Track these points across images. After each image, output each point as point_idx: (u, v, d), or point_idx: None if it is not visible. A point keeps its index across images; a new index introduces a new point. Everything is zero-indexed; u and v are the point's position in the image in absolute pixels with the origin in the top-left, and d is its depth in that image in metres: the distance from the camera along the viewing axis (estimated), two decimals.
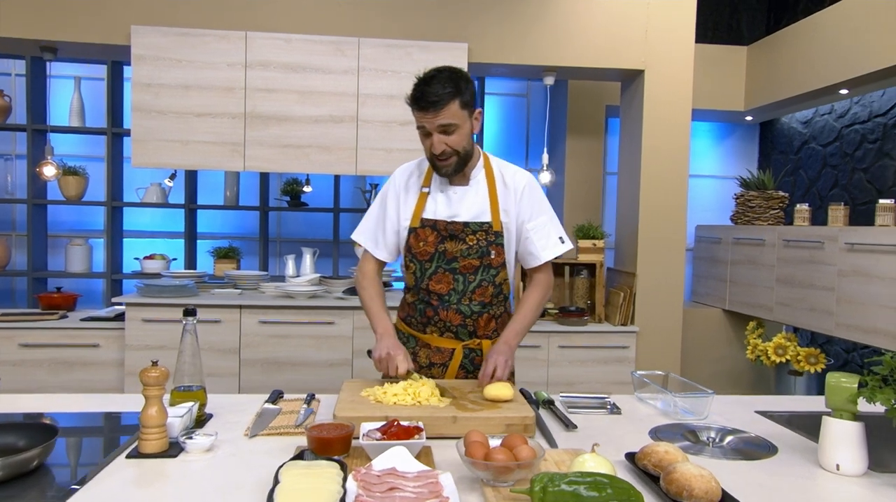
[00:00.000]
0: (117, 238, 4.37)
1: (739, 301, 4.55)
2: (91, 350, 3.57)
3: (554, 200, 4.82)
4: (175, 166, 3.67)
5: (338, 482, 1.20)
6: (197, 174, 4.45)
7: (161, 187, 4.34)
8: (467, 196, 1.94)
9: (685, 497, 1.18)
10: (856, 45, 3.85)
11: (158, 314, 3.51)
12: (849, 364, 4.51)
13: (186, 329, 1.66)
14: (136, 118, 3.57)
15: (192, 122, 3.59)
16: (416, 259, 1.95)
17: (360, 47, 3.66)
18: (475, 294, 1.93)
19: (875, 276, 3.42)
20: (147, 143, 3.58)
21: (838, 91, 4.19)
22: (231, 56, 3.60)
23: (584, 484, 1.13)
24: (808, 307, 3.88)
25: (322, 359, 3.59)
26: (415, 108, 1.82)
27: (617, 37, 3.83)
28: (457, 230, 1.91)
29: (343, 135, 3.69)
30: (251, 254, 4.61)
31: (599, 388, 3.77)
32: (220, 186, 4.50)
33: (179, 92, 3.58)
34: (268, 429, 1.59)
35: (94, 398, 1.91)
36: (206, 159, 3.62)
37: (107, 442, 1.58)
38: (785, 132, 5.16)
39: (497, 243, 1.92)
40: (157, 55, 3.56)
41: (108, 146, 4.21)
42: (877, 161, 4.26)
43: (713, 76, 4.70)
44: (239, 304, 3.55)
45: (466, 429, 1.54)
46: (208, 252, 4.50)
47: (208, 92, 3.60)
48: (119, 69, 4.33)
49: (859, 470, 1.36)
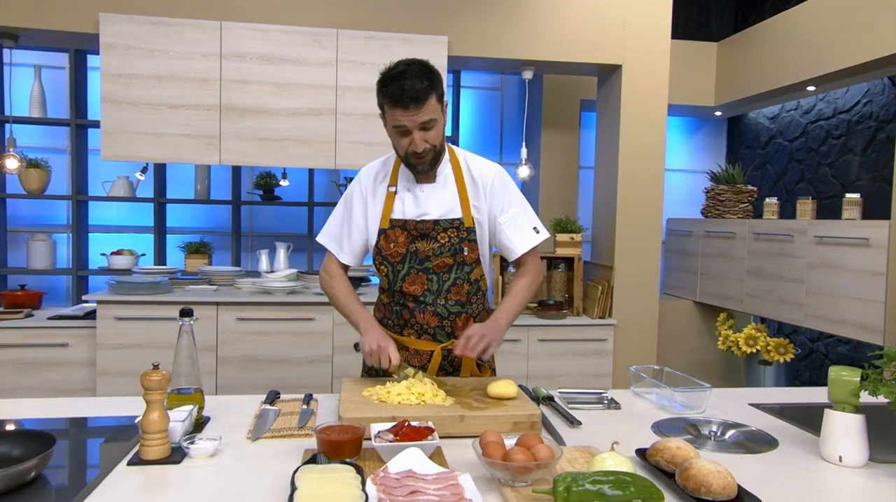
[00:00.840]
0: (83, 233, 4.22)
1: (710, 293, 4.65)
2: (60, 349, 3.45)
3: (530, 194, 4.84)
4: (147, 159, 3.57)
5: (357, 486, 1.18)
6: (166, 167, 4.33)
7: (129, 181, 4.21)
8: (435, 193, 1.88)
9: (703, 493, 1.20)
10: (823, 43, 3.95)
11: (131, 311, 3.41)
12: (814, 353, 4.65)
13: (183, 330, 1.61)
14: (106, 109, 3.45)
15: (165, 114, 3.49)
16: (388, 261, 1.89)
17: (338, 39, 3.60)
18: (451, 293, 1.88)
19: (843, 268, 3.53)
20: (118, 136, 3.46)
21: (806, 88, 4.30)
22: (205, 46, 3.50)
23: (607, 483, 1.13)
24: (779, 299, 3.99)
25: (302, 355, 3.54)
26: (393, 106, 1.72)
27: (595, 32, 3.85)
28: (427, 228, 1.86)
29: (321, 129, 3.63)
30: (223, 249, 4.52)
31: (579, 381, 3.81)
32: (190, 180, 4.39)
33: (152, 83, 3.47)
34: (270, 432, 1.56)
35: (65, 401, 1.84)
36: (180, 152, 3.52)
37: (97, 448, 1.52)
38: (752, 127, 5.27)
39: (470, 239, 1.88)
40: (127, 44, 3.44)
41: (73, 138, 4.06)
42: (841, 156, 4.39)
43: (684, 72, 4.77)
44: (215, 301, 3.47)
45: (474, 428, 1.54)
46: (179, 247, 4.38)
47: (182, 83, 3.49)
48: (82, 58, 4.17)
49: (861, 461, 1.40)
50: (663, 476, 1.32)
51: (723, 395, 1.97)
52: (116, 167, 4.20)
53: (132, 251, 4.17)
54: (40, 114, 4.10)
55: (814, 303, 3.73)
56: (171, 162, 3.58)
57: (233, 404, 1.79)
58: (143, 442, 1.38)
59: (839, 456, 1.41)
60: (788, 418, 1.74)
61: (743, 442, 1.57)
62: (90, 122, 4.07)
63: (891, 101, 4.02)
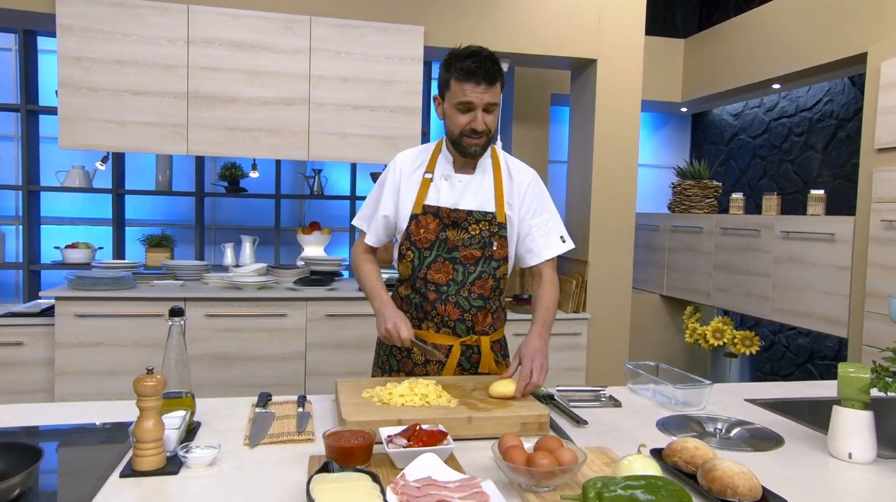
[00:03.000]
0: (34, 225, 4.00)
1: (677, 286, 4.72)
2: (14, 349, 3.26)
3: None
4: (109, 148, 3.39)
5: (378, 496, 1.13)
6: (125, 157, 4.13)
7: (84, 170, 4.00)
8: (472, 184, 1.89)
9: (729, 495, 1.18)
10: (788, 42, 4.03)
11: (92, 308, 3.24)
12: (775, 345, 4.78)
13: (173, 330, 1.52)
14: (64, 94, 3.26)
15: (128, 100, 3.32)
16: (416, 247, 1.88)
17: (311, 26, 3.49)
18: (475, 286, 1.87)
19: (808, 263, 3.63)
20: (77, 123, 3.28)
21: (771, 86, 4.39)
22: (171, 31, 3.34)
23: (639, 487, 1.10)
24: (745, 292, 4.07)
25: (274, 352, 3.43)
26: (465, 80, 1.73)
27: (570, 26, 3.84)
28: (460, 218, 1.86)
29: (294, 119, 3.51)
30: (185, 242, 4.35)
31: (553, 375, 3.81)
32: (150, 170, 4.20)
33: (113, 67, 3.29)
34: (269, 437, 1.48)
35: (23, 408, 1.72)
36: (144, 141, 3.36)
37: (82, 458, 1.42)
38: (716, 124, 5.37)
39: (500, 235, 1.88)
40: (86, 26, 3.25)
41: (23, 124, 3.83)
42: (803, 153, 4.51)
43: (652, 68, 4.82)
44: (183, 297, 3.33)
45: (482, 430, 1.50)
46: (139, 240, 4.20)
47: (146, 69, 3.33)
48: (32, 39, 3.94)
49: (870, 457, 1.41)
50: (683, 476, 1.30)
51: (718, 391, 1.97)
52: (70, 156, 3.99)
53: (89, 244, 3.98)
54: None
55: (780, 297, 3.82)
56: (135, 151, 3.41)
57: (222, 408, 1.70)
58: (136, 451, 1.28)
59: (849, 452, 1.42)
60: (787, 414, 1.75)
61: (749, 439, 1.57)
62: (42, 108, 3.85)
63: (851, 100, 4.14)
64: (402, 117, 3.63)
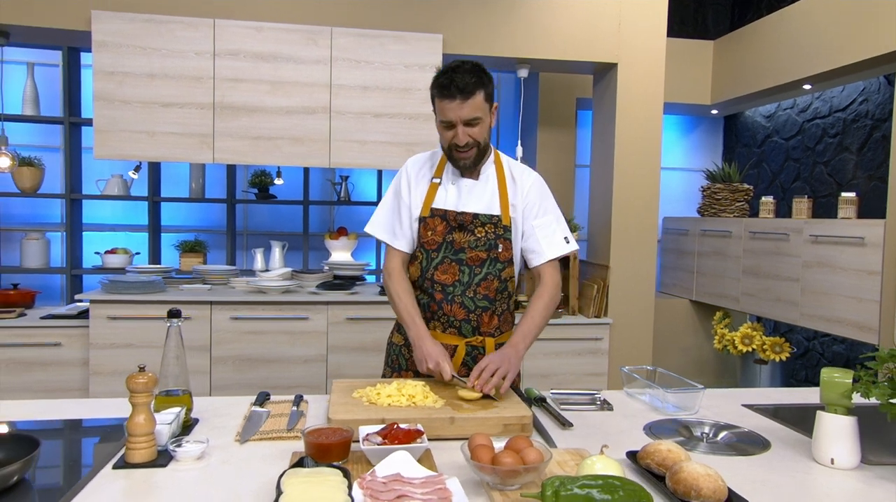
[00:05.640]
0: (77, 232, 4.21)
1: (706, 292, 4.64)
2: (52, 349, 3.43)
3: None
4: (140, 158, 3.54)
5: (343, 491, 1.17)
6: (160, 166, 4.31)
7: (123, 179, 4.19)
8: (477, 188, 1.94)
9: (693, 497, 1.18)
10: (819, 41, 3.93)
11: (124, 311, 3.39)
12: (810, 352, 4.65)
13: (171, 331, 1.60)
14: (99, 107, 3.43)
15: (157, 112, 3.47)
16: (424, 248, 1.94)
17: (332, 37, 3.58)
18: (480, 287, 1.91)
19: (838, 267, 3.53)
20: (111, 134, 3.44)
21: (802, 86, 4.29)
22: (199, 44, 3.48)
23: (595, 487, 1.12)
24: (774, 297, 3.98)
25: (297, 355, 3.52)
26: (441, 97, 1.80)
27: (590, 29, 3.83)
28: (466, 221, 1.91)
29: (316, 127, 3.61)
30: (218, 247, 4.50)
31: (574, 380, 3.81)
32: (185, 178, 4.37)
33: (144, 80, 3.45)
34: (259, 434, 1.54)
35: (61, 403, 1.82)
36: (173, 151, 3.50)
37: (85, 451, 1.51)
38: (749, 126, 5.26)
39: (505, 237, 1.92)
40: (119, 42, 3.41)
41: (66, 136, 4.04)
42: (837, 155, 4.38)
43: (681, 70, 4.76)
44: (209, 300, 3.45)
45: (464, 430, 1.53)
46: (173, 246, 4.36)
47: (175, 81, 3.47)
48: (76, 55, 4.15)
49: (853, 463, 1.39)
50: (654, 479, 1.31)
51: (716, 396, 1.96)
52: (111, 165, 4.18)
53: (127, 250, 4.16)
54: (34, 112, 4.07)
55: (809, 302, 3.72)
56: (164, 160, 3.56)
57: (222, 406, 1.78)
58: (129, 445, 1.36)
59: (831, 458, 1.40)
60: (782, 419, 1.73)
61: (735, 443, 1.56)
62: (84, 121, 4.05)
63: (887, 100, 4.01)
64: (421, 124, 3.69)
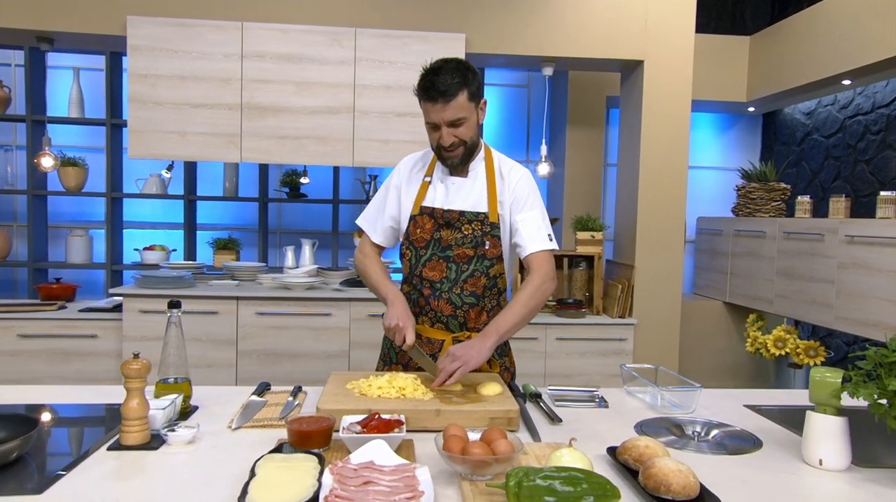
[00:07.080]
0: (117, 229, 4.38)
1: (740, 293, 4.52)
2: (89, 341, 3.58)
3: (554, 192, 4.80)
4: (172, 157, 3.66)
5: (314, 475, 1.20)
6: (196, 165, 4.45)
7: (161, 178, 4.34)
8: (465, 186, 1.96)
9: (663, 491, 1.17)
10: (859, 35, 3.80)
11: (155, 305, 3.52)
12: (849, 357, 4.47)
13: (171, 321, 1.66)
14: (133, 109, 3.57)
15: (188, 112, 3.59)
16: (413, 246, 1.97)
17: (356, 38, 3.64)
18: (467, 283, 1.93)
19: (875, 269, 3.39)
20: (144, 134, 3.58)
21: (841, 82, 4.14)
22: (227, 47, 3.58)
23: (559, 479, 1.12)
24: (808, 300, 3.86)
25: (319, 350, 3.59)
26: (424, 99, 1.81)
27: (616, 27, 3.79)
28: (453, 218, 1.93)
29: (340, 127, 3.67)
30: (251, 245, 4.62)
31: (597, 380, 3.76)
32: (220, 177, 4.50)
33: (176, 83, 3.57)
34: (251, 422, 1.59)
35: (91, 389, 1.91)
36: (202, 150, 3.62)
37: (96, 434, 1.58)
38: (788, 123, 5.11)
39: (493, 234, 1.93)
40: (153, 46, 3.55)
41: (108, 137, 4.21)
42: (880, 152, 4.22)
43: (715, 67, 4.66)
44: (236, 296, 3.55)
45: (450, 422, 1.54)
46: (208, 243, 4.50)
47: (205, 83, 3.59)
48: (118, 60, 4.32)
49: (842, 464, 1.35)
50: (630, 474, 1.30)
51: (718, 396, 1.92)
52: (150, 165, 4.34)
53: (164, 246, 4.31)
54: (79, 114, 4.26)
55: (844, 305, 3.59)
56: (195, 160, 3.69)
57: (223, 394, 1.84)
58: (123, 428, 1.43)
59: (819, 459, 1.36)
60: (781, 420, 1.69)
61: (725, 442, 1.53)
62: (124, 122, 4.21)
63: None
64: None
